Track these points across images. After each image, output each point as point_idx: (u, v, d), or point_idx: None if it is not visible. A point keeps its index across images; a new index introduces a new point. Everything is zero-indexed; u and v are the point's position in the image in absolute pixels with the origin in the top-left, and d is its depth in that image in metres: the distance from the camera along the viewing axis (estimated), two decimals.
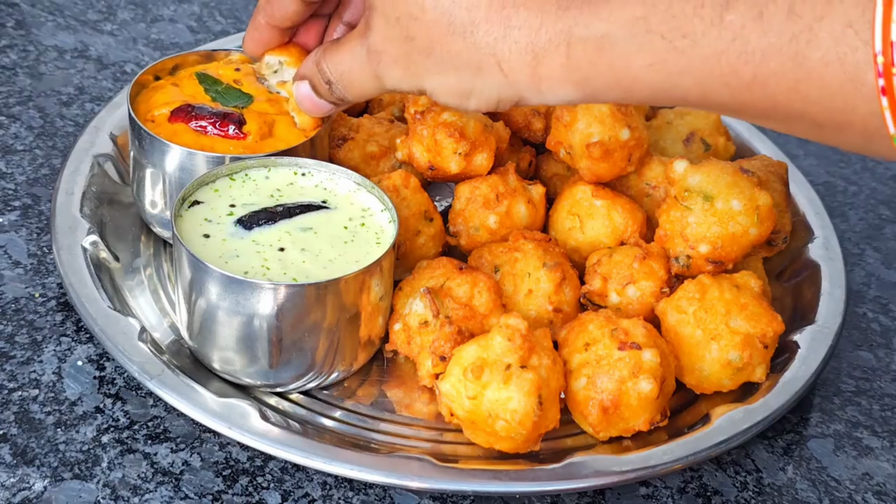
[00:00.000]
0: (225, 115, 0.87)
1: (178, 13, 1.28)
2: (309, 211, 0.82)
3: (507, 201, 0.90)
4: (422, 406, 0.83)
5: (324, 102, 0.81)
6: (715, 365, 0.81)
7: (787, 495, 0.81)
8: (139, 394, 0.81)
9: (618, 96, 0.67)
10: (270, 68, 0.88)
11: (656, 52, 0.62)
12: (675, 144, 1.00)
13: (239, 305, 0.75)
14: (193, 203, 0.82)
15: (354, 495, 0.76)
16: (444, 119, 0.89)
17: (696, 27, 0.60)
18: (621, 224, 0.89)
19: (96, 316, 0.81)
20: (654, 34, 0.62)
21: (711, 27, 0.60)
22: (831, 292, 0.92)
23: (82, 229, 0.88)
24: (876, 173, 1.18)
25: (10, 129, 1.04)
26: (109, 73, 1.15)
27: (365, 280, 0.77)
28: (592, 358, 0.78)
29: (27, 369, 0.81)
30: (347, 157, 0.94)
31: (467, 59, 0.68)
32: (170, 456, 0.77)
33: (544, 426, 0.75)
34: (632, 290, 0.85)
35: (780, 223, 0.94)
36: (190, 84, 0.91)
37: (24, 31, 1.19)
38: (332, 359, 0.80)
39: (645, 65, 0.63)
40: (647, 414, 0.78)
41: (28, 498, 0.73)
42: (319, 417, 0.80)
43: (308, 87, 0.81)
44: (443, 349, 0.79)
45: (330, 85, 0.78)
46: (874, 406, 0.89)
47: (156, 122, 0.87)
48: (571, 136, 0.89)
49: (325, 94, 0.80)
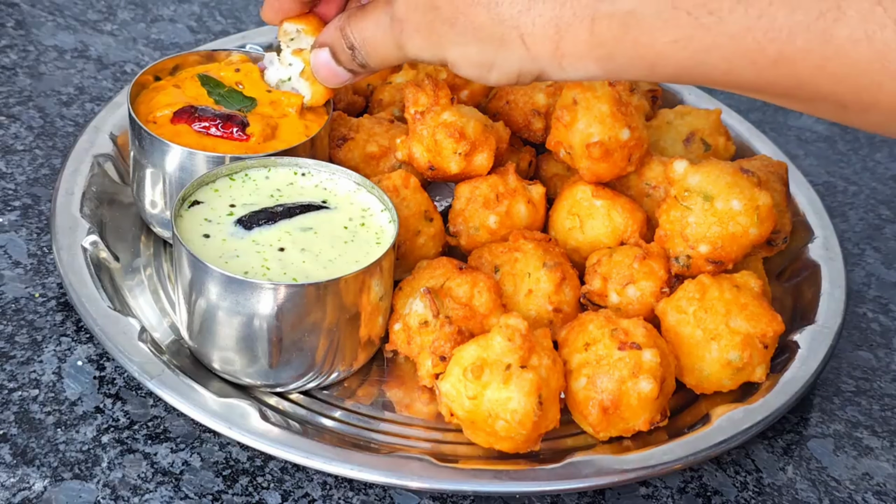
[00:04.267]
0: (228, 117, 0.87)
1: (178, 13, 1.28)
2: (309, 211, 0.82)
3: (507, 201, 0.90)
4: (422, 406, 0.83)
5: (341, 71, 0.81)
6: (715, 365, 0.81)
7: (787, 495, 0.81)
8: (139, 394, 0.81)
9: (641, 73, 0.66)
10: (288, 36, 0.87)
11: (682, 29, 0.61)
12: (675, 144, 1.00)
13: (239, 305, 0.75)
14: (193, 203, 0.82)
15: (354, 495, 0.76)
16: (444, 119, 0.89)
17: (723, 4, 0.60)
18: (621, 224, 0.89)
19: (96, 316, 0.81)
20: (681, 10, 0.61)
21: (738, 4, 0.59)
22: (831, 292, 0.92)
23: (82, 229, 0.88)
24: (876, 173, 1.18)
25: (10, 129, 1.05)
26: (109, 73, 1.15)
27: (365, 280, 0.77)
28: (592, 358, 0.78)
29: (27, 369, 0.81)
30: (347, 157, 0.94)
31: (490, 31, 0.68)
32: (170, 456, 0.77)
33: (544, 426, 0.75)
34: (632, 290, 0.85)
35: (780, 223, 0.94)
36: (192, 86, 0.91)
37: (24, 31, 1.19)
38: (332, 359, 0.80)
39: (670, 41, 0.62)
40: (647, 414, 0.78)
41: (28, 498, 0.73)
42: (319, 417, 0.80)
43: (327, 54, 0.81)
44: (443, 349, 0.79)
45: (353, 50, 0.78)
46: (874, 406, 0.89)
47: (158, 123, 0.87)
48: (571, 136, 0.89)
49: (345, 60, 0.80)
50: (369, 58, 0.78)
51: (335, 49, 0.80)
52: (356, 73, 0.81)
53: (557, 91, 0.98)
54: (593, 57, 0.66)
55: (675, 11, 0.61)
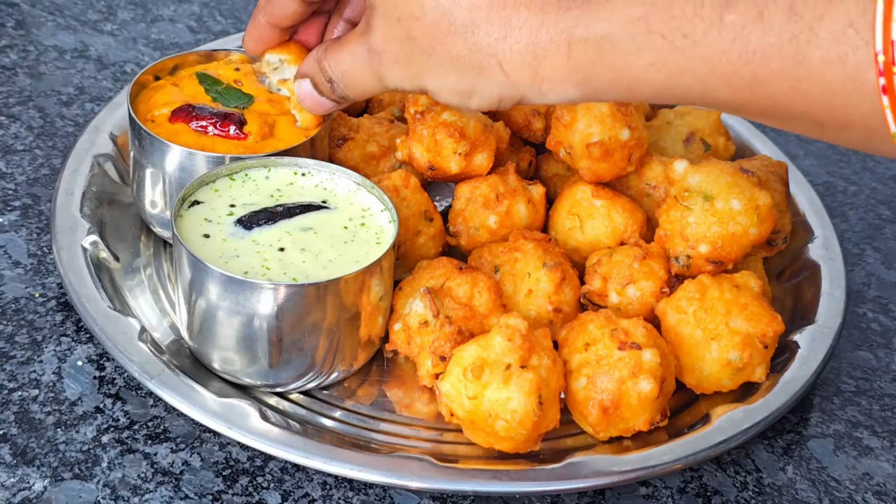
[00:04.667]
0: (226, 116, 0.87)
1: (178, 13, 1.28)
2: (309, 211, 0.82)
3: (507, 201, 0.90)
4: (422, 406, 0.83)
5: (325, 100, 0.81)
6: (715, 365, 0.81)
7: (787, 495, 0.81)
8: (139, 394, 0.81)
9: (619, 95, 0.67)
10: (271, 66, 0.88)
11: (657, 53, 0.62)
12: (675, 144, 1.00)
13: (239, 305, 0.75)
14: (193, 203, 0.82)
15: (354, 495, 0.76)
16: (445, 119, 0.89)
17: (697, 27, 0.60)
18: (621, 224, 0.89)
19: (96, 316, 0.81)
20: (655, 34, 0.62)
21: (711, 27, 0.60)
22: (831, 292, 0.92)
23: (82, 229, 0.88)
24: (876, 173, 1.18)
25: (10, 129, 1.04)
26: (109, 73, 1.15)
27: (365, 280, 0.77)
28: (592, 358, 0.78)
29: (27, 369, 0.81)
30: (347, 157, 0.94)
31: (468, 60, 0.68)
32: (170, 456, 0.77)
33: (544, 426, 0.75)
34: (632, 290, 0.85)
35: (780, 223, 0.94)
36: (190, 84, 0.91)
37: (24, 31, 1.19)
38: (332, 359, 0.80)
39: (646, 64, 0.63)
40: (647, 414, 0.78)
41: (28, 498, 0.73)
42: (319, 417, 0.80)
43: (309, 85, 0.81)
44: (443, 349, 0.79)
45: (332, 83, 0.79)
46: (874, 406, 0.89)
47: (156, 122, 0.87)
48: (571, 136, 0.89)
49: (326, 92, 0.80)
50: (348, 90, 0.78)
51: (315, 81, 0.81)
52: (339, 103, 0.81)
53: None
54: (572, 81, 0.66)
55: (650, 35, 0.62)
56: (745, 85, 0.60)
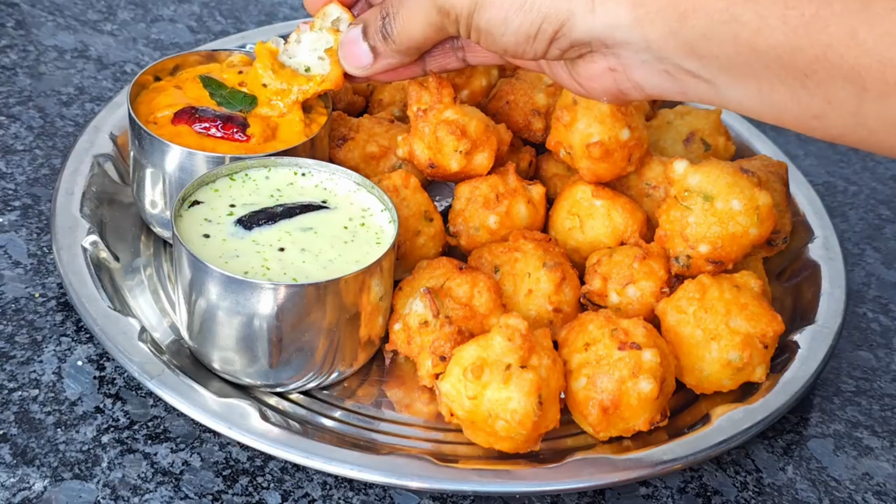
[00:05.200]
0: (228, 118, 0.87)
1: (178, 13, 1.28)
2: (309, 211, 0.82)
3: (507, 201, 0.90)
4: (422, 406, 0.83)
5: (364, 51, 0.81)
6: (715, 365, 0.81)
7: (787, 495, 0.81)
8: (139, 394, 0.81)
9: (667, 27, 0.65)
10: (329, 17, 0.87)
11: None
12: (675, 144, 1.00)
13: (239, 305, 0.75)
14: (193, 203, 0.82)
15: (354, 495, 0.76)
16: (447, 117, 0.89)
17: None
18: (621, 224, 0.89)
19: (96, 316, 0.81)
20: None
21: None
22: (831, 292, 0.92)
23: (82, 229, 0.88)
24: (876, 173, 1.18)
25: (10, 129, 1.05)
26: (109, 73, 1.15)
27: (365, 280, 0.77)
28: (592, 358, 0.78)
29: (27, 369, 0.81)
30: (347, 157, 0.94)
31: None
32: (170, 456, 0.77)
33: (544, 426, 0.75)
34: (632, 290, 0.85)
35: (780, 223, 0.94)
36: (193, 87, 0.91)
37: (24, 31, 1.19)
38: (332, 359, 0.80)
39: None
40: (647, 414, 0.78)
41: (28, 498, 0.73)
42: (319, 417, 0.80)
43: (359, 31, 0.81)
44: (443, 349, 0.79)
45: (384, 20, 0.79)
46: (874, 406, 0.89)
47: (158, 123, 0.87)
48: (571, 136, 0.89)
49: (373, 31, 0.80)
50: (399, 25, 0.78)
51: (368, 23, 0.81)
52: (376, 52, 0.81)
53: (557, 91, 0.98)
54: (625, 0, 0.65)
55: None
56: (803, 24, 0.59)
